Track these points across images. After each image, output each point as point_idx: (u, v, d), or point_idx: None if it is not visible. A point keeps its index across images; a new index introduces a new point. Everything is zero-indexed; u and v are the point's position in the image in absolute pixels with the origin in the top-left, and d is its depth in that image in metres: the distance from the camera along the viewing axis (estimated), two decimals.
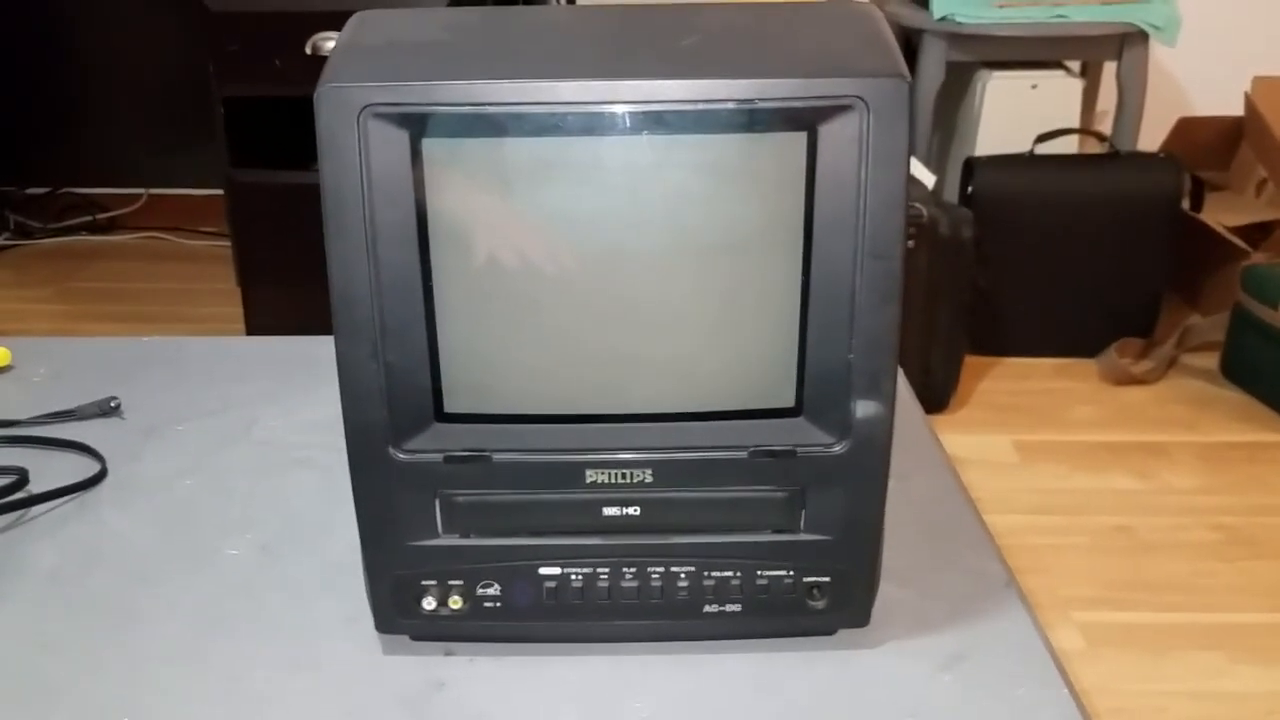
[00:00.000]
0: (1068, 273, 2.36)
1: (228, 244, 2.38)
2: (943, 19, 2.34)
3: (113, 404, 0.92)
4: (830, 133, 0.57)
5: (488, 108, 0.56)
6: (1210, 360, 2.35)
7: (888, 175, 0.57)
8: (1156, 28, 2.33)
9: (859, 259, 0.58)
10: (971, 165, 2.36)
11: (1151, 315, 2.40)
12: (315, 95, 0.56)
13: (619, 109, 0.56)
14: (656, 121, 0.56)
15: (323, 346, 0.99)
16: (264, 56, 2.00)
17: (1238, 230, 2.45)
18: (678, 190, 0.58)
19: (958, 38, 2.35)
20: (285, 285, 2.18)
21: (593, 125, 0.56)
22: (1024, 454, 2.11)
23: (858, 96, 0.56)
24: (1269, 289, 2.20)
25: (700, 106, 0.56)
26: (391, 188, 0.57)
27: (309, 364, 0.99)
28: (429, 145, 0.56)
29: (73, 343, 1.10)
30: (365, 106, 0.55)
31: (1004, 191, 2.33)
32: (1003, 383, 2.35)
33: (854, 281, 0.58)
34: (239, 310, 2.25)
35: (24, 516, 0.79)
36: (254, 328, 2.21)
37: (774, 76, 0.56)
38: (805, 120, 0.57)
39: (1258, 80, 2.60)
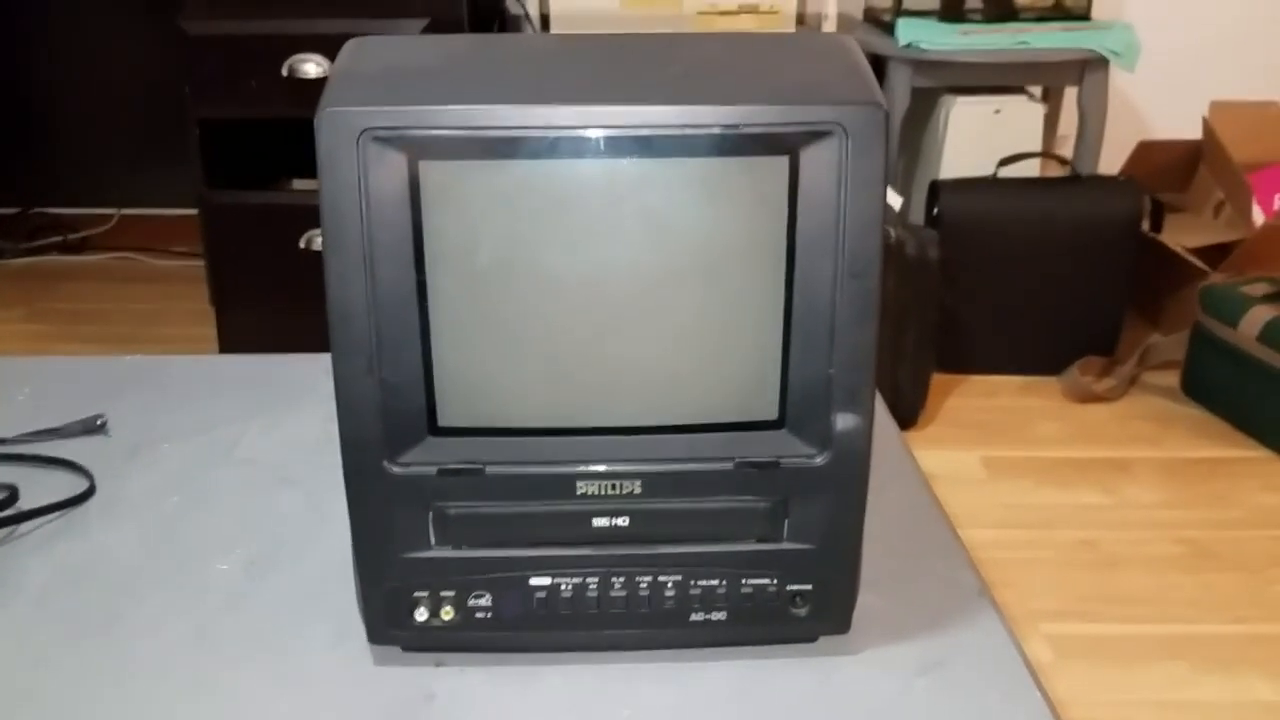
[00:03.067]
0: (1031, 292, 2.40)
1: (199, 264, 2.37)
2: (908, 46, 2.38)
3: (98, 422, 0.93)
4: (811, 157, 0.59)
5: (483, 131, 0.58)
6: (1171, 378, 2.40)
7: (865, 198, 0.59)
8: (1116, 54, 2.39)
9: (839, 278, 0.60)
10: (937, 188, 2.40)
11: (1113, 334, 2.44)
12: (315, 119, 0.57)
13: (610, 133, 0.58)
14: (646, 145, 0.58)
15: (304, 365, 1.01)
16: (240, 79, 2.01)
17: (1197, 251, 2.50)
18: (666, 211, 0.60)
19: (923, 64, 2.40)
20: (258, 305, 2.19)
21: (584, 148, 0.58)
22: (991, 469, 2.15)
23: (837, 123, 0.58)
24: (1227, 308, 2.24)
25: (688, 131, 0.58)
26: (389, 208, 0.58)
27: (290, 383, 1.00)
28: (426, 168, 0.58)
29: (55, 362, 1.11)
30: (364, 130, 0.57)
31: (969, 213, 2.37)
32: (970, 400, 2.38)
33: (834, 299, 0.61)
34: (211, 330, 2.25)
35: (14, 533, 0.80)
36: (227, 347, 2.21)
37: (758, 103, 0.58)
38: (787, 145, 0.59)
39: (1215, 105, 2.67)
